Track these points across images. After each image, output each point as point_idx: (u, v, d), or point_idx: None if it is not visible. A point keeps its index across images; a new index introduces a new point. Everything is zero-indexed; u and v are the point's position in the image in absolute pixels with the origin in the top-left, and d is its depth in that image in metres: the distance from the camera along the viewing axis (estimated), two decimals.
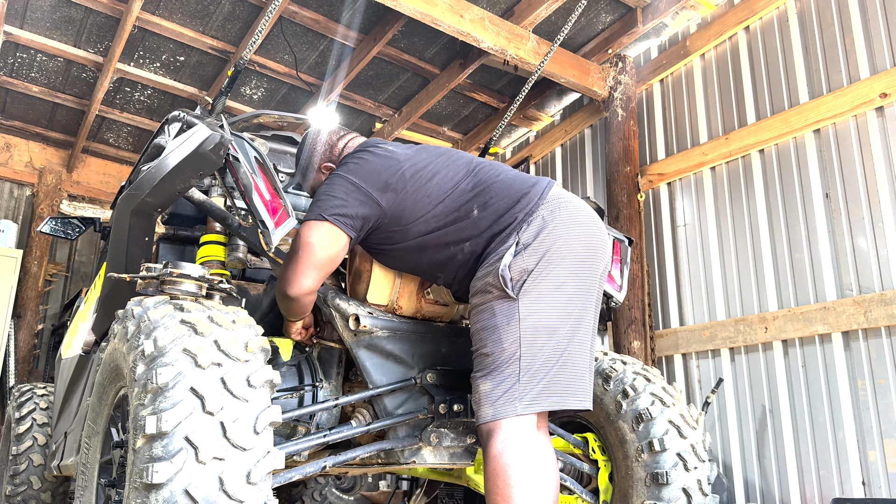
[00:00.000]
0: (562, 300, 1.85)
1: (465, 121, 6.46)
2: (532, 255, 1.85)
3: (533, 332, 1.81)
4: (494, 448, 1.74)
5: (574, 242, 1.90)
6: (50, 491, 3.76)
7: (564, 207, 1.93)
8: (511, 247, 1.86)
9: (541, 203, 1.92)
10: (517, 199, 1.94)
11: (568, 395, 1.82)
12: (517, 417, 1.76)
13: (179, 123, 1.99)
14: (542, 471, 1.73)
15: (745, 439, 4.06)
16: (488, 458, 1.75)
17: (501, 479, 1.70)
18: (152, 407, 1.42)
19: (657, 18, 4.80)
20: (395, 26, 4.94)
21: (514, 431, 1.75)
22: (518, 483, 1.69)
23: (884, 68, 3.72)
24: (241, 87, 5.91)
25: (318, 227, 1.92)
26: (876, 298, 3.52)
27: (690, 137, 4.74)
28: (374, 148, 2.08)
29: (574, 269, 1.88)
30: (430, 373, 2.10)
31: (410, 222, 1.98)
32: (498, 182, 1.99)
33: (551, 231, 1.88)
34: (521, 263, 1.84)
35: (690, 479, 2.29)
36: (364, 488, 4.48)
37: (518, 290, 1.83)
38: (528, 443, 1.74)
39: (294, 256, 1.92)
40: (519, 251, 1.85)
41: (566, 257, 1.88)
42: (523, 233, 1.87)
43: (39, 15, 5.00)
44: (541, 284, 1.84)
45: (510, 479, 1.69)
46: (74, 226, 3.73)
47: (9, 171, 6.68)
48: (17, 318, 6.27)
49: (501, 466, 1.71)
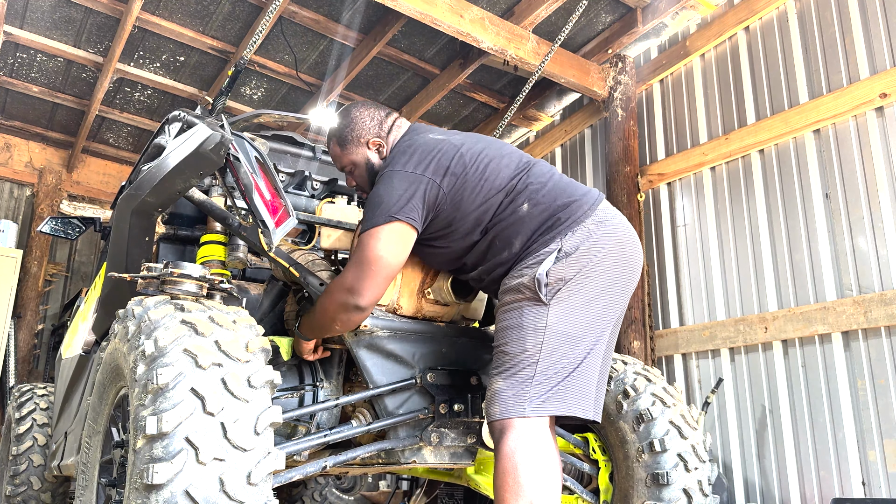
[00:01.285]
0: (590, 314, 1.86)
1: (465, 121, 6.46)
2: (572, 265, 1.85)
3: (556, 340, 1.81)
4: (506, 446, 1.75)
5: (613, 261, 1.90)
6: (50, 491, 3.76)
7: (611, 224, 1.93)
8: (553, 253, 1.86)
9: (590, 214, 1.91)
10: (567, 204, 1.92)
11: (575, 404, 1.83)
12: (529, 419, 1.77)
13: (180, 123, 1.99)
14: (549, 472, 1.74)
15: (745, 439, 4.06)
16: (499, 456, 1.76)
17: (511, 476, 1.72)
18: (153, 407, 1.42)
19: (657, 18, 4.80)
20: (395, 26, 4.94)
21: (526, 432, 1.76)
22: (526, 482, 1.71)
23: (884, 68, 3.72)
24: (241, 87, 5.91)
25: (388, 230, 1.86)
26: (876, 298, 3.52)
27: (690, 137, 4.73)
28: (427, 133, 2.04)
29: (608, 285, 1.89)
30: (430, 372, 2.10)
31: (468, 210, 1.95)
32: (551, 182, 1.97)
33: (594, 244, 1.88)
34: (559, 271, 1.84)
35: (691, 480, 2.29)
36: (364, 488, 4.48)
37: (551, 297, 1.83)
38: (539, 444, 1.76)
39: (365, 267, 1.86)
40: (560, 258, 1.85)
41: (603, 273, 1.88)
42: (567, 240, 1.87)
43: (39, 15, 5.00)
44: (574, 296, 1.84)
45: (519, 478, 1.71)
46: (74, 226, 3.73)
47: (9, 171, 6.67)
48: (17, 318, 6.27)
49: (512, 465, 1.72)
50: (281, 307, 2.42)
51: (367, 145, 2.13)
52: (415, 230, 1.90)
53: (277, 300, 2.41)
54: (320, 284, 2.10)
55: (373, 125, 2.13)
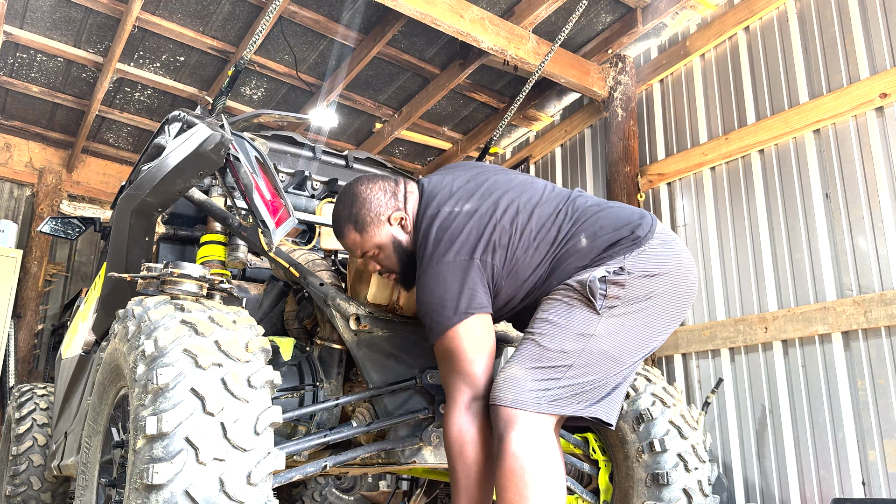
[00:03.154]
0: (641, 337, 1.79)
1: (465, 121, 6.46)
2: (633, 284, 1.76)
3: (599, 356, 1.73)
4: (513, 444, 1.65)
5: (673, 284, 1.83)
6: (50, 491, 3.76)
7: (673, 246, 1.86)
8: (614, 268, 1.76)
9: (650, 236, 1.83)
10: (626, 227, 1.84)
11: (595, 405, 1.75)
12: (539, 415, 1.68)
13: (180, 123, 1.99)
14: (556, 477, 1.67)
15: (745, 439, 4.06)
16: (504, 454, 1.66)
17: (518, 478, 1.63)
18: (153, 407, 1.42)
19: (657, 18, 4.80)
20: (395, 26, 4.94)
21: (534, 429, 1.67)
22: (534, 486, 1.63)
23: (884, 68, 3.72)
24: (241, 87, 5.91)
25: (465, 327, 1.76)
26: (876, 298, 3.52)
27: (690, 137, 4.74)
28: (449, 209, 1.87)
29: (663, 311, 1.82)
30: (430, 372, 2.10)
31: (525, 274, 1.85)
32: (605, 210, 1.89)
33: (661, 268, 1.80)
34: (618, 288, 1.75)
35: (691, 480, 2.29)
36: (364, 488, 4.48)
37: (605, 310, 1.74)
38: (547, 445, 1.68)
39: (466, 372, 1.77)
40: (620, 274, 1.75)
41: (662, 297, 1.80)
42: (629, 260, 1.77)
43: (39, 15, 5.00)
44: (630, 316, 1.76)
45: (527, 481, 1.63)
46: (74, 226, 3.73)
47: (9, 171, 6.67)
48: (17, 318, 6.27)
49: (520, 467, 1.64)
50: (281, 307, 2.42)
51: (389, 221, 1.92)
52: (489, 315, 1.80)
53: (277, 300, 2.41)
54: (320, 284, 2.10)
55: (388, 199, 1.94)
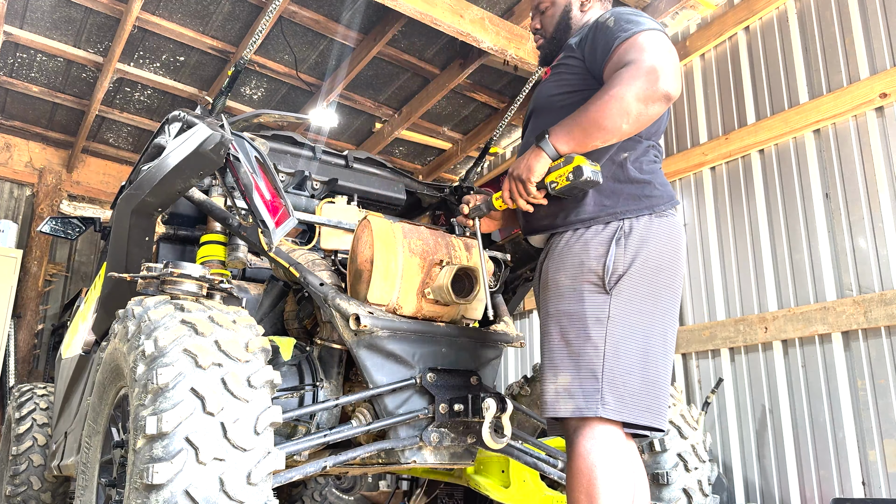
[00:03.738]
0: (653, 311, 1.77)
1: (465, 121, 6.46)
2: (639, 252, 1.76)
3: (620, 335, 1.71)
4: (582, 446, 1.65)
5: (671, 257, 1.83)
6: (50, 491, 3.76)
7: (678, 224, 1.89)
8: (623, 236, 1.76)
9: (673, 204, 1.87)
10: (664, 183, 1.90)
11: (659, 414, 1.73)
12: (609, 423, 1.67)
13: (180, 123, 1.99)
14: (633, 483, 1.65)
15: (745, 439, 4.06)
16: (574, 456, 1.66)
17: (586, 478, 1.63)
18: (153, 407, 1.42)
19: (657, 18, 4.80)
20: (395, 26, 4.94)
21: (604, 434, 1.66)
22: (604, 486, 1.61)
23: (884, 68, 3.71)
24: (241, 87, 5.91)
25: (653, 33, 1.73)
26: (876, 298, 3.52)
27: (690, 137, 4.73)
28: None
29: (666, 282, 1.81)
30: (430, 372, 2.10)
31: None
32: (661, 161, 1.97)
33: (666, 236, 1.81)
34: (623, 257, 1.75)
35: (691, 480, 2.29)
36: (364, 488, 4.48)
37: (612, 287, 1.73)
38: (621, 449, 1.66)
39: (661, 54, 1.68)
40: (629, 242, 1.76)
41: (662, 268, 1.80)
42: (641, 221, 1.79)
43: (39, 15, 5.00)
44: (638, 288, 1.75)
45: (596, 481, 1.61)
46: (74, 226, 3.73)
47: (9, 171, 6.67)
48: (17, 318, 6.27)
49: (588, 466, 1.63)
50: (281, 307, 2.43)
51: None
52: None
53: (277, 300, 2.42)
54: (320, 284, 2.10)
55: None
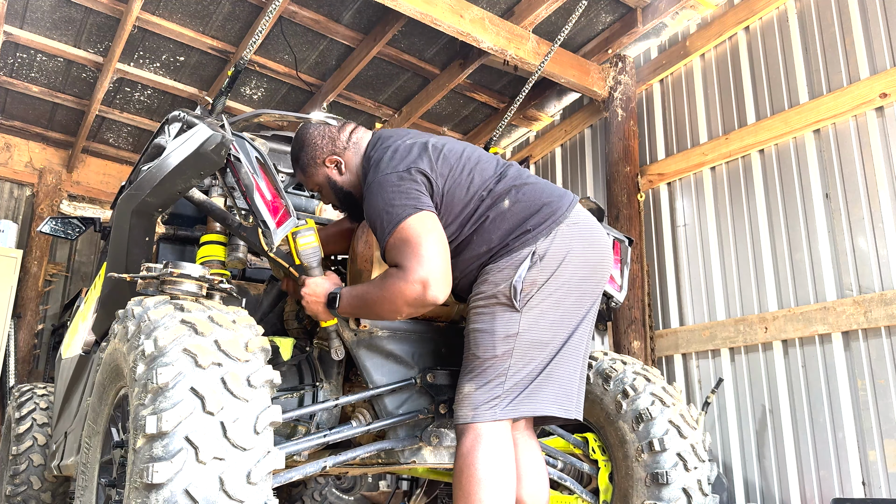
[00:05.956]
0: (559, 316, 1.90)
1: (465, 121, 6.46)
2: (544, 269, 1.88)
3: (527, 347, 1.86)
4: (464, 446, 1.81)
5: (583, 262, 1.94)
6: (50, 491, 3.76)
7: (580, 226, 1.96)
8: (527, 258, 1.87)
9: (564, 217, 1.93)
10: (547, 204, 1.94)
11: (552, 403, 1.87)
12: (496, 423, 1.83)
13: (180, 123, 1.98)
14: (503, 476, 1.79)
15: (745, 439, 4.06)
16: (458, 456, 1.82)
17: (465, 475, 1.77)
18: (152, 407, 1.42)
19: (657, 18, 4.80)
20: (395, 26, 4.94)
21: (486, 433, 1.81)
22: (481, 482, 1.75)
23: (884, 68, 3.72)
24: (241, 87, 5.91)
25: (415, 219, 1.82)
26: (876, 298, 3.52)
27: (690, 137, 4.74)
28: (399, 138, 2.03)
29: (577, 286, 1.93)
30: (430, 373, 2.10)
31: (457, 208, 1.95)
32: (531, 182, 2.00)
33: (563, 246, 1.90)
34: (533, 276, 1.86)
35: (690, 479, 2.29)
36: (364, 488, 4.48)
37: (523, 304, 1.86)
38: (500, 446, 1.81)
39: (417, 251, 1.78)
40: (534, 262, 1.87)
41: (573, 276, 1.91)
42: (541, 243, 1.89)
43: (39, 15, 5.00)
44: (545, 301, 1.87)
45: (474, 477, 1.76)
46: (74, 226, 3.73)
47: (9, 171, 6.67)
48: (17, 318, 6.27)
49: (467, 465, 1.78)
50: (281, 307, 2.42)
51: (325, 164, 2.13)
52: (436, 215, 1.89)
53: (277, 300, 2.41)
54: None
55: (325, 143, 2.13)
